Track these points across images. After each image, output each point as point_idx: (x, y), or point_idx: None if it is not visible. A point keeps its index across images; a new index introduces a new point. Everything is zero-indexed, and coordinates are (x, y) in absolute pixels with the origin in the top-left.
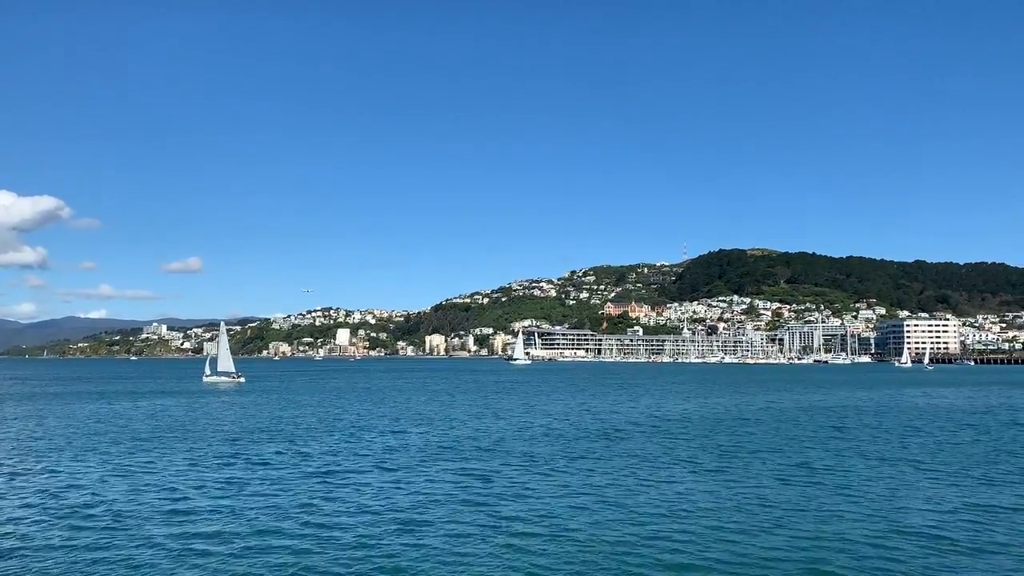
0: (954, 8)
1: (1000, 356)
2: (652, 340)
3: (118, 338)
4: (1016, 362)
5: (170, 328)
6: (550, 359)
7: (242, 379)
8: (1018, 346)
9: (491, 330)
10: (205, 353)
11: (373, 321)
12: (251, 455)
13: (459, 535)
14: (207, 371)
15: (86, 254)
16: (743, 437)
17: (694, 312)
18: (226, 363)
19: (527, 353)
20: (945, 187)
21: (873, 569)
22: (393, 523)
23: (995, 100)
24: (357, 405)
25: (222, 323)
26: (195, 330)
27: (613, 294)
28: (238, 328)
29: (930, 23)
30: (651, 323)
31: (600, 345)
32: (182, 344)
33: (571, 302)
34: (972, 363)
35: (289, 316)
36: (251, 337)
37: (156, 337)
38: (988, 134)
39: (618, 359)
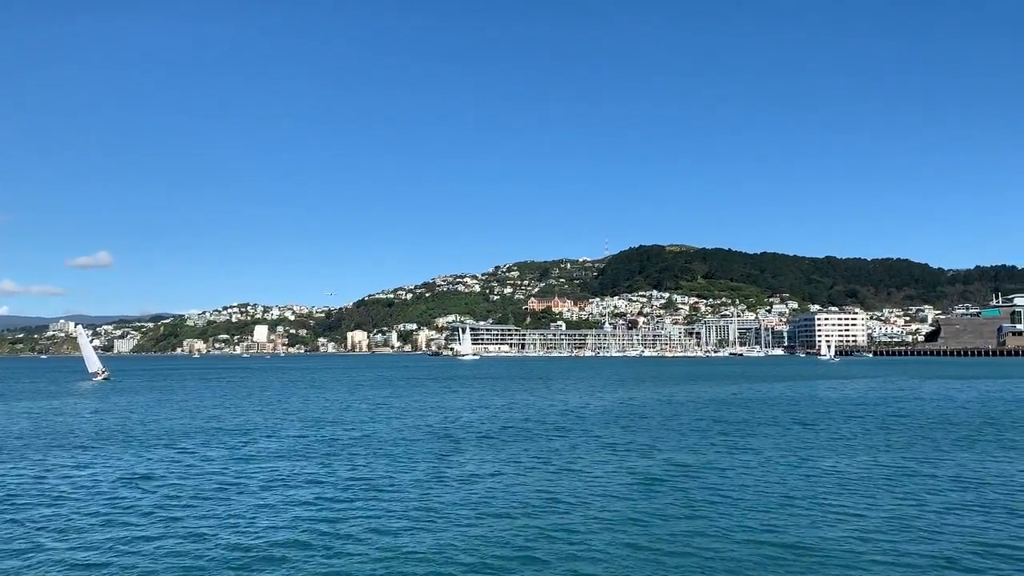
0: (875, 6)
1: (904, 348)
2: (575, 334)
3: (22, 336)
4: (917, 353)
5: (78, 325)
6: (474, 354)
7: (106, 376)
8: (920, 338)
9: (415, 326)
10: (116, 351)
11: (293, 317)
12: (89, 461)
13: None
14: (94, 369)
15: None
16: (626, 435)
17: (615, 307)
18: (94, 363)
19: (473, 352)
20: (854, 186)
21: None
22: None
23: (902, 101)
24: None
25: (79, 326)
26: (105, 327)
27: (537, 289)
28: (151, 325)
29: (848, 19)
30: (574, 318)
31: (524, 340)
32: (91, 341)
33: (495, 297)
34: (871, 355)
35: (204, 312)
36: (164, 334)
37: (63, 335)
38: (893, 135)
39: (541, 354)
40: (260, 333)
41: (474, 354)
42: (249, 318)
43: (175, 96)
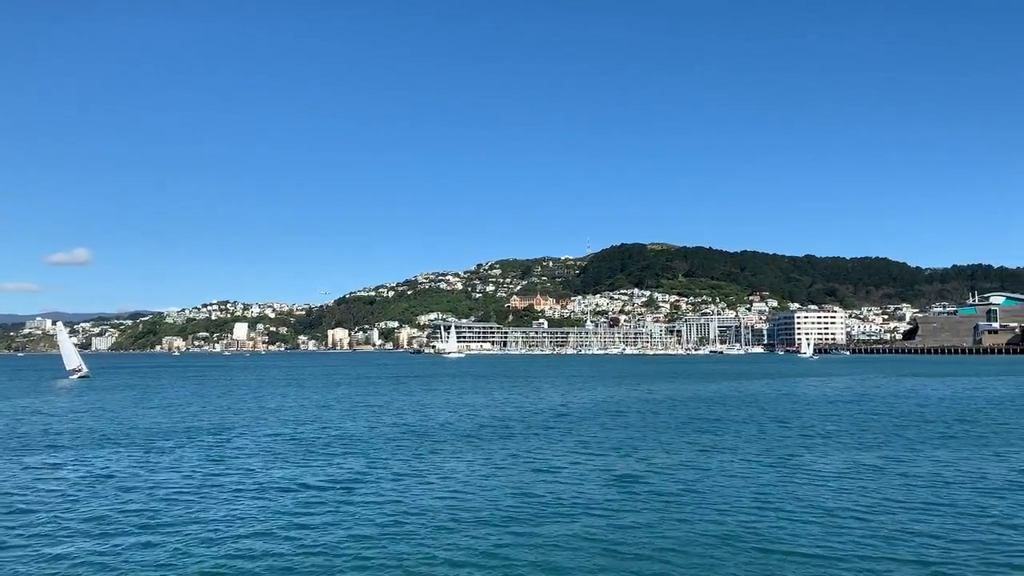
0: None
1: (882, 346)
2: (556, 332)
3: None
4: (895, 351)
5: (55, 322)
6: (459, 352)
7: (84, 374)
8: (898, 336)
9: (396, 324)
10: (94, 349)
11: (273, 315)
12: (60, 462)
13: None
14: (72, 366)
15: None
16: (603, 433)
17: (597, 305)
18: (73, 360)
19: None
20: (833, 185)
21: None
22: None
23: (881, 101)
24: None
25: (59, 322)
26: (83, 324)
27: (519, 287)
28: (129, 322)
29: (830, 17)
30: (556, 316)
31: (506, 338)
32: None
33: (477, 295)
34: (848, 353)
35: (183, 310)
36: (143, 332)
37: (40, 332)
38: (873, 135)
39: (523, 352)
40: (240, 331)
41: (459, 352)
42: (229, 316)
43: (155, 93)
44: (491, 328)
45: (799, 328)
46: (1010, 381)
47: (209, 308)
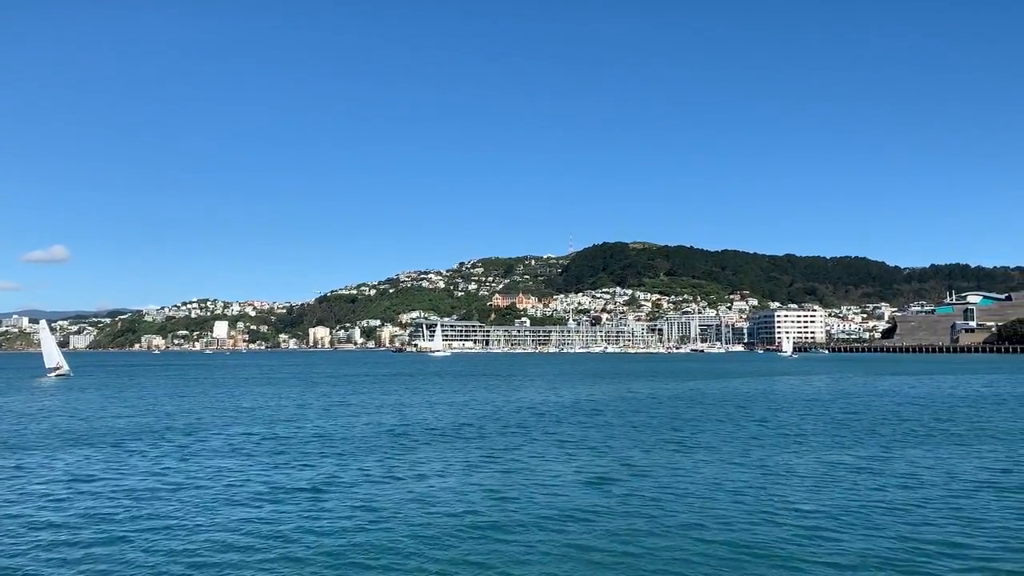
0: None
1: (861, 345)
2: (539, 331)
3: None
4: (873, 350)
5: (32, 320)
6: (444, 351)
7: (64, 372)
8: (877, 335)
9: (378, 322)
10: (72, 347)
11: (253, 313)
12: (28, 463)
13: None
14: (52, 364)
15: None
16: (581, 432)
17: (579, 303)
18: (53, 358)
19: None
20: (813, 185)
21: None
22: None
23: (863, 102)
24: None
25: (43, 320)
26: (61, 322)
27: (501, 286)
28: (108, 321)
29: (817, 17)
30: (538, 314)
31: (488, 336)
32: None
33: (460, 294)
34: (827, 351)
35: (163, 308)
36: (122, 330)
37: (17, 330)
38: (853, 135)
39: (506, 350)
40: (220, 329)
41: (443, 351)
42: (209, 314)
43: (136, 88)
44: (473, 326)
45: (779, 327)
46: (985, 379)
47: (189, 306)
